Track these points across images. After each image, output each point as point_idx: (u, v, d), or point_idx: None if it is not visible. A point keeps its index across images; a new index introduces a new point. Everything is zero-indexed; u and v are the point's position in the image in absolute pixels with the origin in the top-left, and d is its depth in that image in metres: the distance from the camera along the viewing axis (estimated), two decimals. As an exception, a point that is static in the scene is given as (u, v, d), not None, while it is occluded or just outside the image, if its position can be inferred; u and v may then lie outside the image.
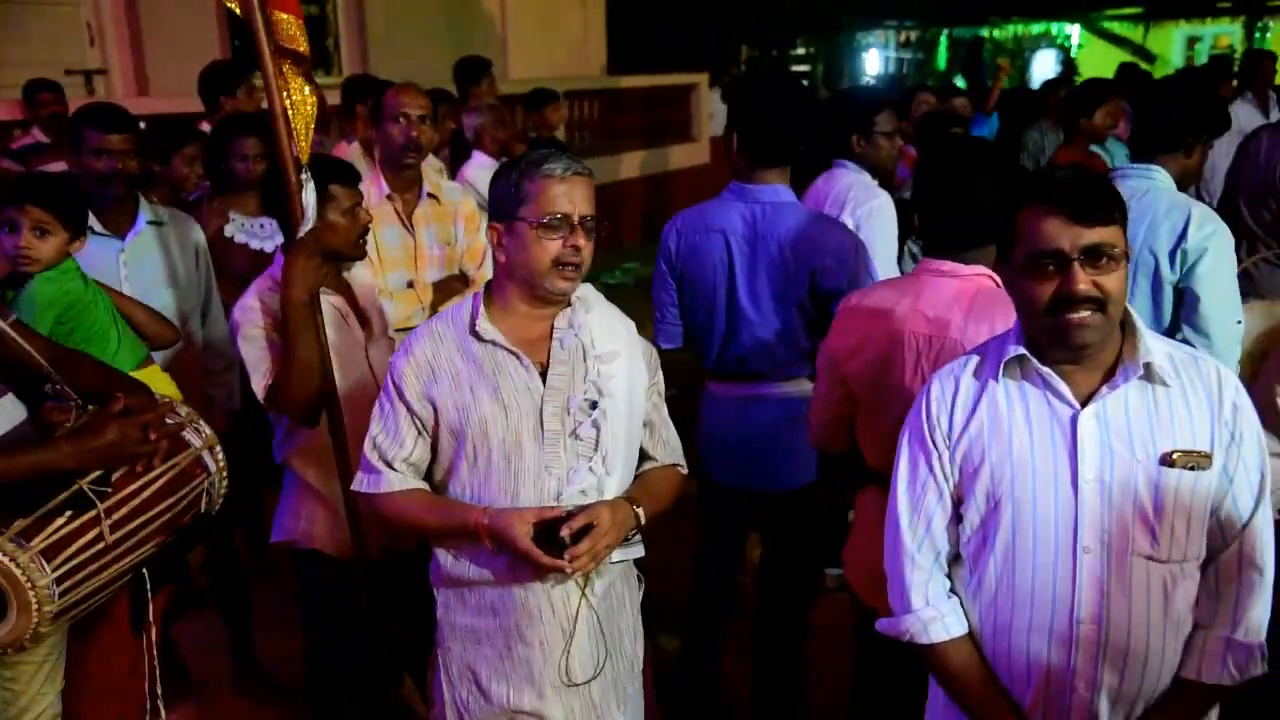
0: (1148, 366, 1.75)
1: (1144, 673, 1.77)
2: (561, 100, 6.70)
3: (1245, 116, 6.77)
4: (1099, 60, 15.53)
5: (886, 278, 2.99)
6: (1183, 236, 2.88)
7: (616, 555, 2.07)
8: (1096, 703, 1.78)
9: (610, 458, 2.05)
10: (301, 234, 2.48)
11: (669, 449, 2.24)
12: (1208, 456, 1.74)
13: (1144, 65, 12.15)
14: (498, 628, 2.09)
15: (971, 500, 1.82)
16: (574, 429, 2.03)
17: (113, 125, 3.09)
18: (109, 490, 2.07)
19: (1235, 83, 7.66)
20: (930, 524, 1.86)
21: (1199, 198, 6.38)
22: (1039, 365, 1.77)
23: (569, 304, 2.10)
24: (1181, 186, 3.08)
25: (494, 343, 2.05)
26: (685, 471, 2.28)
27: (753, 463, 2.94)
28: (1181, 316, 2.91)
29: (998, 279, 2.18)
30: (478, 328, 2.06)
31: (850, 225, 3.39)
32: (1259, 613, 1.78)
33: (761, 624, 3.10)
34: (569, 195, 2.00)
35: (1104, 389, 1.75)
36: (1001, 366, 1.81)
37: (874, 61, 18.73)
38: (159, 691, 2.41)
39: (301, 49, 2.47)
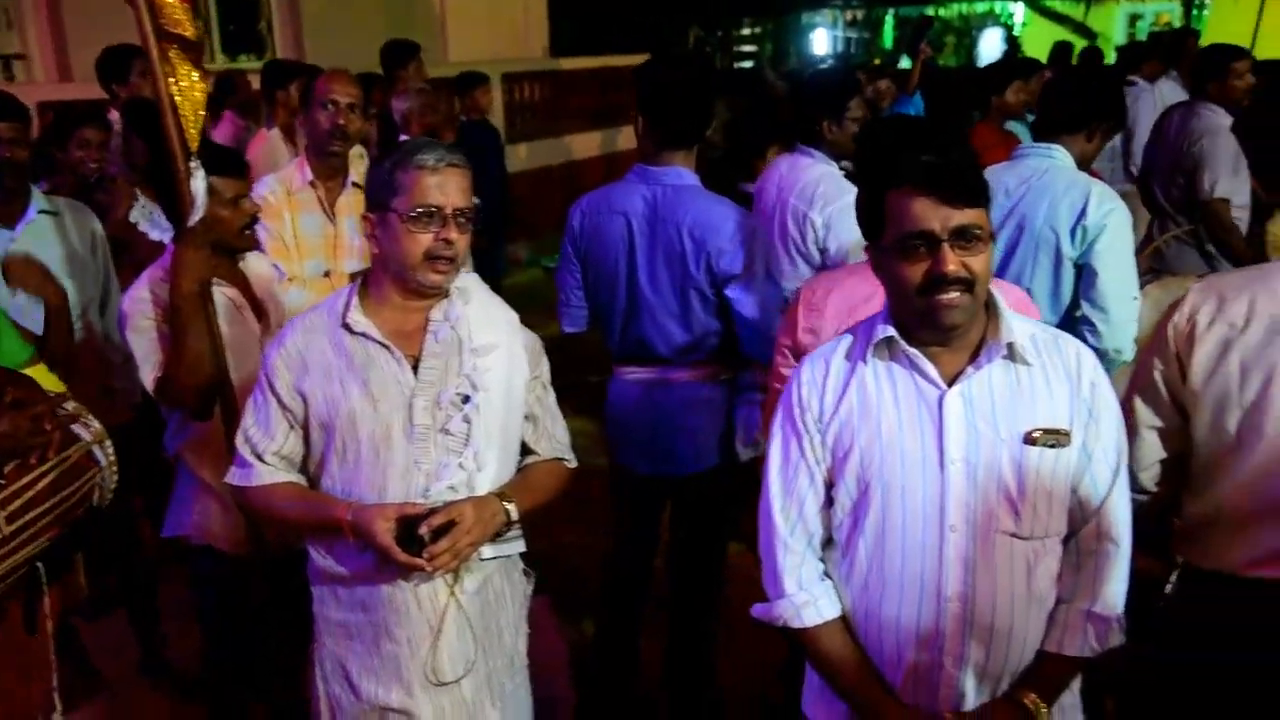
0: (1010, 346, 1.77)
1: (1008, 647, 1.80)
2: (491, 83, 6.65)
3: (1170, 95, 6.87)
4: (1043, 38, 15.64)
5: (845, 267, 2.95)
6: (1082, 214, 2.93)
7: (489, 551, 2.07)
8: (963, 679, 1.81)
9: (482, 453, 2.04)
10: (191, 223, 2.44)
11: (554, 442, 2.23)
12: (1067, 434, 1.77)
13: (1083, 42, 12.30)
14: (367, 623, 2.08)
15: (842, 483, 1.84)
16: (444, 424, 2.02)
17: None
18: (2, 482, 2.05)
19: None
20: (803, 508, 1.87)
21: (1126, 177, 6.53)
22: (906, 347, 1.79)
23: (447, 295, 2.09)
24: (1080, 169, 3.13)
25: (365, 335, 2.04)
26: (572, 464, 2.27)
27: (658, 447, 2.94)
28: (1080, 292, 2.96)
29: None
30: (349, 319, 2.05)
31: (820, 222, 3.31)
32: (1117, 586, 1.82)
33: (672, 606, 3.12)
34: (441, 187, 1.97)
35: (969, 369, 1.78)
36: (870, 348, 1.82)
37: (822, 41, 18.75)
38: (56, 689, 2.38)
39: (188, 33, 2.43)
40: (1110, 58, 10.20)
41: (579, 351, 3.54)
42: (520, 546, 2.16)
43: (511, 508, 2.04)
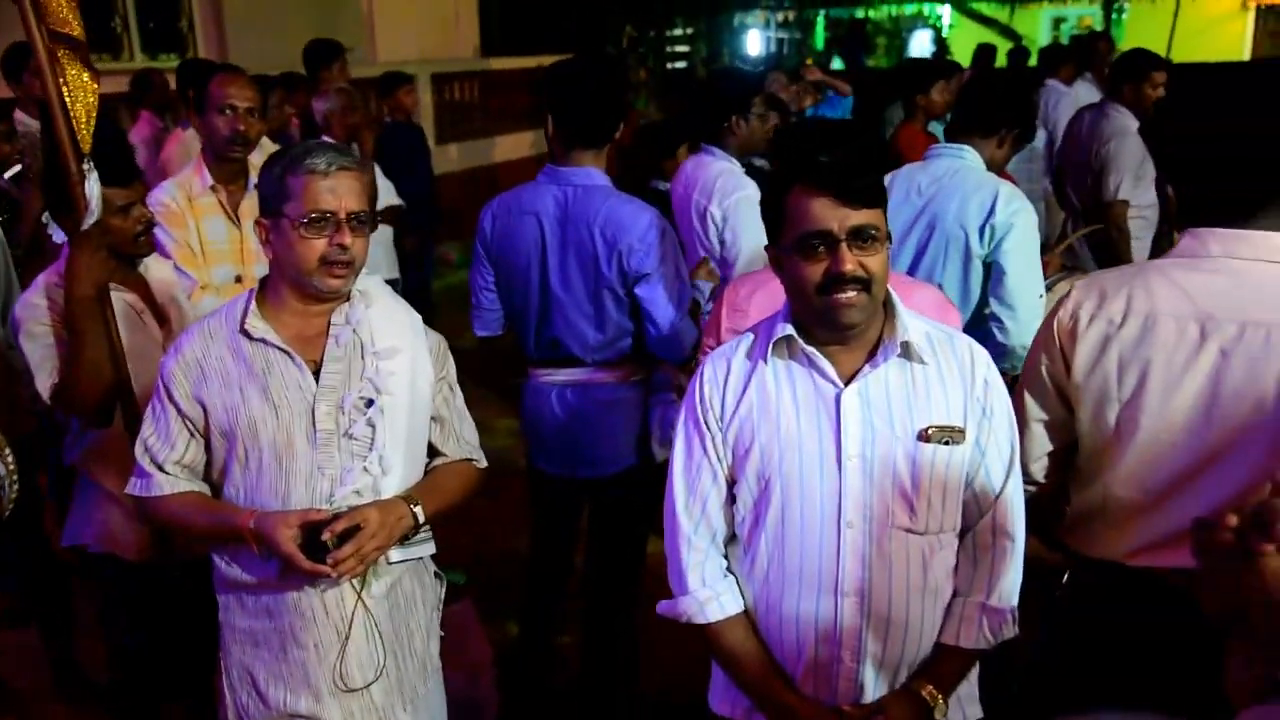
0: (905, 345, 1.80)
1: (905, 641, 1.83)
2: (417, 83, 6.59)
3: (1086, 97, 7.04)
4: (970, 40, 15.94)
5: (751, 269, 2.98)
6: (991, 213, 2.99)
7: (397, 555, 2.05)
8: (862, 672, 1.84)
9: (388, 457, 2.02)
10: (86, 226, 2.38)
11: (463, 444, 2.22)
12: (961, 431, 1.80)
13: (1008, 44, 12.54)
14: (274, 630, 2.05)
15: (744, 481, 1.86)
16: (348, 428, 2.00)
17: None
18: None
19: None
20: (706, 505, 1.89)
21: (1049, 176, 6.67)
22: (805, 345, 1.81)
23: (348, 299, 2.07)
24: (991, 167, 3.19)
25: (264, 340, 2.01)
26: (482, 465, 2.27)
27: (574, 450, 2.94)
28: (989, 289, 3.02)
29: None
30: (247, 325, 2.02)
31: (718, 215, 3.41)
32: (1012, 579, 1.86)
33: (589, 605, 3.12)
34: (333, 191, 1.95)
35: (866, 368, 1.80)
36: (770, 347, 1.84)
37: (754, 42, 18.88)
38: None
39: (75, 33, 2.37)
40: (1033, 60, 10.41)
41: (507, 352, 3.53)
42: (430, 549, 2.15)
43: (418, 510, 2.03)
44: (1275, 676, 1.03)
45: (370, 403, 2.01)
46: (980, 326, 3.03)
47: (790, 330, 1.82)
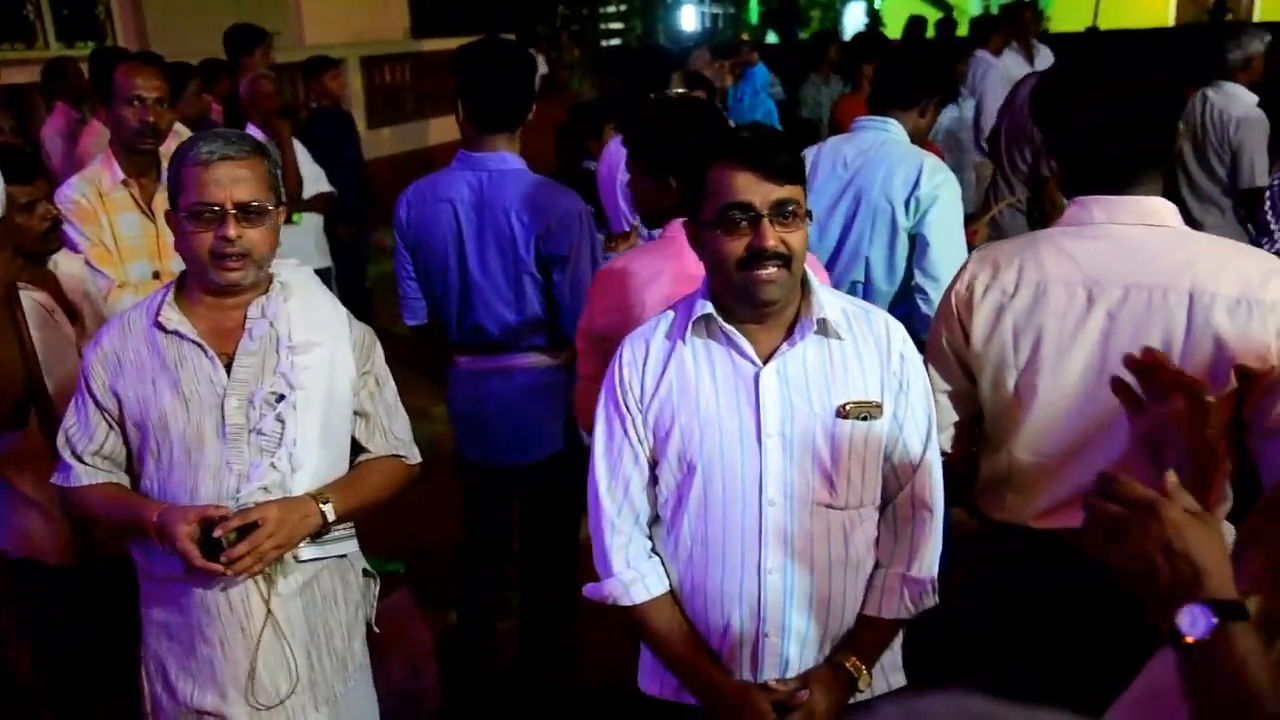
0: (822, 322, 1.82)
1: (829, 614, 1.86)
2: (344, 67, 6.48)
3: (1014, 66, 7.13)
4: (903, 11, 16.06)
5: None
6: (915, 185, 3.01)
7: (308, 553, 2.02)
8: (787, 647, 1.86)
9: (298, 453, 1.99)
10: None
11: (391, 439, 2.18)
12: (879, 406, 1.83)
13: (938, 14, 12.64)
14: (183, 625, 2.03)
15: (665, 462, 1.86)
16: (257, 423, 1.97)
17: None
18: None
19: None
20: (628, 487, 1.89)
21: (978, 147, 6.75)
22: (724, 324, 1.82)
23: (266, 291, 2.04)
24: (915, 143, 3.22)
25: (177, 333, 1.98)
26: (413, 461, 2.23)
27: (499, 437, 2.92)
28: (913, 261, 3.05)
29: None
30: (161, 318, 1.99)
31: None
32: (931, 549, 1.89)
33: (523, 593, 3.11)
34: (218, 182, 1.90)
35: (784, 346, 1.81)
36: (689, 326, 1.84)
37: (689, 18, 18.84)
38: None
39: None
40: (964, 30, 10.52)
41: (443, 338, 3.50)
42: (349, 547, 2.12)
43: (328, 509, 2.00)
44: (1165, 625, 1.07)
45: (281, 398, 1.98)
46: (907, 299, 3.06)
47: (710, 309, 1.82)
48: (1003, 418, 1.97)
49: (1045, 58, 7.46)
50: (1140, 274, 1.82)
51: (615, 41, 16.91)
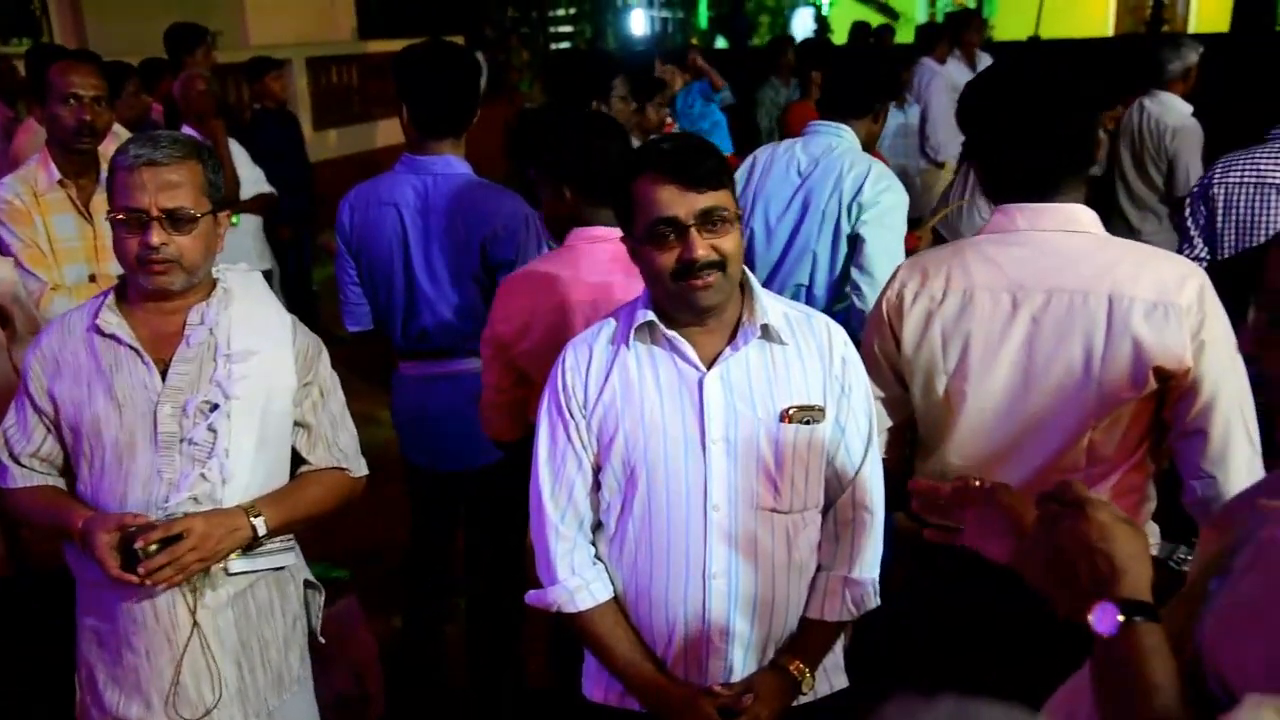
0: (765, 327, 1.82)
1: (772, 618, 1.87)
2: (289, 68, 6.40)
3: (958, 74, 7.23)
4: (850, 18, 16.24)
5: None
6: (860, 190, 3.05)
7: (239, 565, 1.98)
8: (731, 651, 1.86)
9: (231, 464, 1.95)
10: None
11: (334, 452, 2.14)
12: (821, 410, 1.84)
13: (881, 21, 12.79)
14: (111, 632, 1.99)
15: (609, 467, 1.86)
16: (189, 432, 1.93)
17: None
18: None
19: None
20: (572, 493, 1.88)
21: (923, 154, 6.84)
22: (666, 330, 1.82)
23: (207, 297, 2.01)
24: (866, 147, 3.26)
25: (114, 337, 1.95)
26: (357, 473, 2.19)
27: (443, 442, 2.89)
28: (851, 259, 3.08)
29: None
30: (99, 321, 1.95)
31: None
32: (872, 552, 1.91)
33: (469, 600, 3.09)
34: (142, 187, 1.87)
35: (727, 351, 1.82)
36: (632, 333, 1.84)
37: (639, 21, 18.87)
38: None
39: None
40: (909, 36, 10.64)
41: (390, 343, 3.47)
42: (286, 560, 2.08)
43: (259, 522, 1.95)
44: (1079, 620, 1.14)
45: (215, 407, 1.94)
46: (847, 301, 3.09)
47: (651, 316, 1.82)
48: (935, 423, 2.00)
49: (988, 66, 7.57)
50: (1062, 279, 1.86)
51: (565, 45, 16.89)
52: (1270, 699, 0.96)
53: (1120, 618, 1.11)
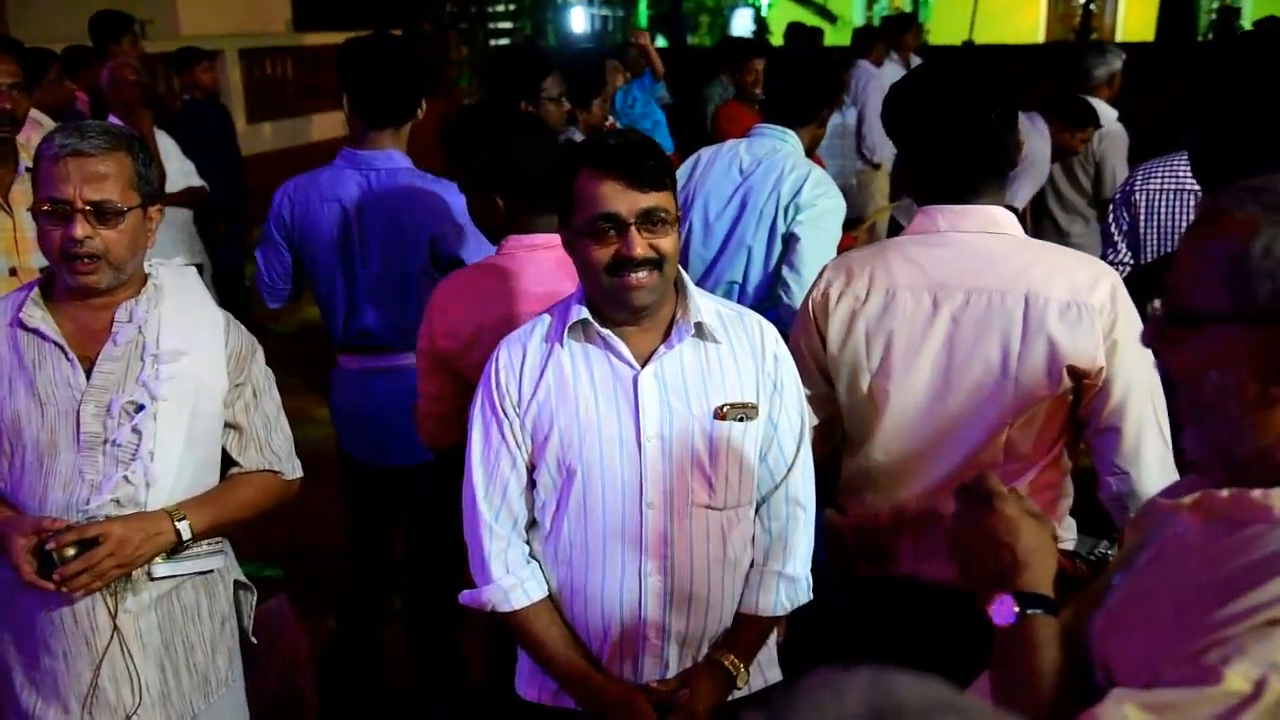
0: (699, 325, 1.84)
1: (707, 614, 1.88)
2: (221, 59, 6.28)
3: (894, 77, 7.30)
4: (788, 19, 16.39)
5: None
6: (798, 193, 3.07)
7: (163, 569, 1.94)
8: (667, 649, 1.88)
9: (155, 467, 1.91)
10: None
11: (266, 453, 2.09)
12: (755, 407, 1.86)
13: (819, 23, 12.93)
14: (29, 634, 1.94)
15: (544, 466, 1.86)
16: (113, 433, 1.89)
17: None
18: None
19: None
20: (506, 492, 1.88)
21: (860, 155, 6.93)
22: (600, 328, 1.82)
23: (139, 293, 1.96)
24: (809, 151, 3.29)
25: (38, 332, 1.89)
26: (291, 476, 2.15)
27: (383, 437, 2.87)
28: (783, 258, 3.11)
29: None
30: (23, 315, 1.90)
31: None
32: (805, 546, 1.93)
33: (407, 599, 3.07)
34: (66, 179, 1.82)
35: (661, 349, 1.83)
36: (566, 330, 1.84)
37: (579, 19, 18.81)
38: None
39: None
40: (845, 38, 10.77)
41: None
42: (214, 563, 2.04)
43: (184, 526, 1.91)
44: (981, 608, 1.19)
45: (140, 408, 1.90)
46: (779, 302, 3.11)
47: (585, 313, 1.83)
48: (860, 420, 2.04)
49: (923, 69, 7.69)
50: (981, 279, 1.91)
51: (504, 41, 16.78)
52: (1133, 694, 1.00)
53: (1016, 609, 1.16)
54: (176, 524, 1.91)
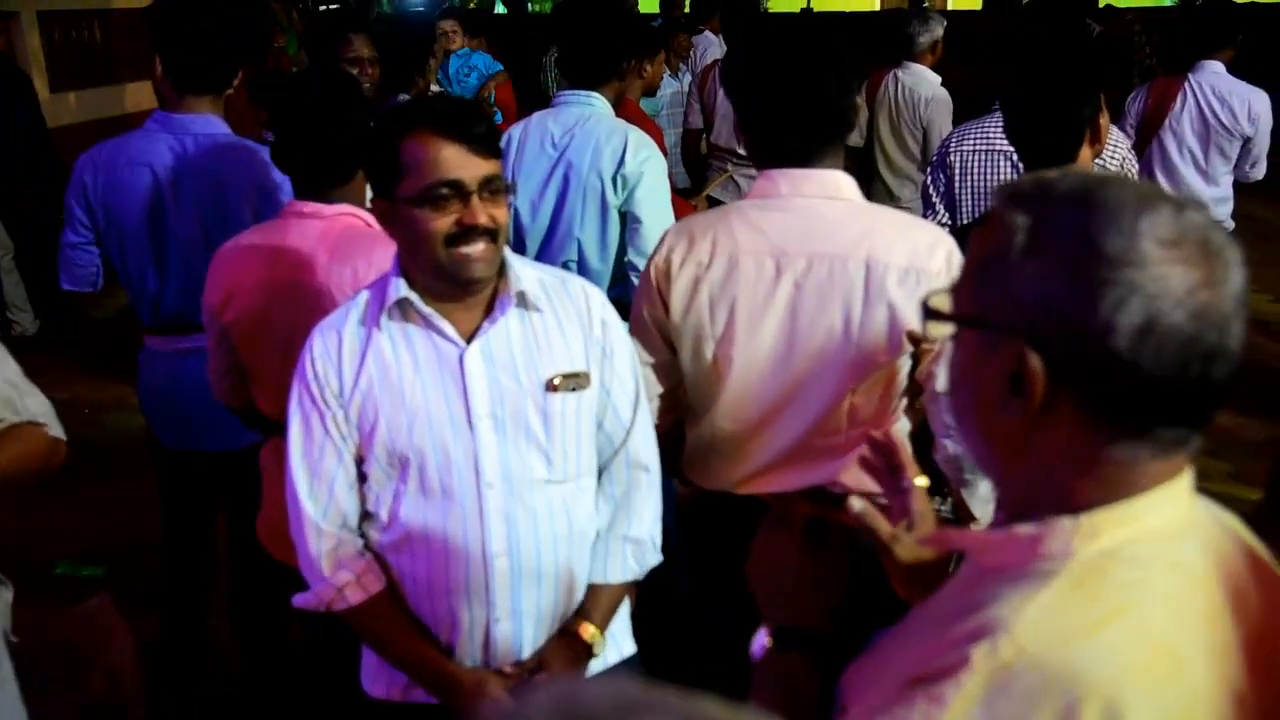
0: (521, 295, 1.77)
1: (557, 590, 1.83)
2: (12, 21, 5.77)
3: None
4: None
5: None
6: (621, 161, 2.93)
7: None
8: (520, 630, 1.81)
9: None
10: None
11: (22, 410, 1.83)
12: (586, 376, 1.80)
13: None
14: None
15: (374, 457, 1.76)
16: None
17: None
18: None
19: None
20: (333, 488, 1.77)
21: (708, 125, 6.93)
22: (421, 306, 1.73)
23: None
24: (617, 106, 3.14)
25: None
26: (54, 433, 1.89)
27: (197, 421, 2.69)
28: (626, 239, 3.03)
29: (365, 217, 2.14)
30: None
31: None
32: (651, 510, 1.90)
33: (233, 591, 2.91)
34: None
35: (485, 324, 1.75)
36: (384, 312, 1.74)
37: (414, -16, 18.25)
38: None
39: None
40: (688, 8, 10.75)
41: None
42: None
43: None
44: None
45: None
46: (623, 280, 3.03)
47: (406, 291, 1.73)
48: (704, 387, 2.02)
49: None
50: (823, 244, 1.91)
51: (335, 6, 16.12)
52: None
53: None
54: None
